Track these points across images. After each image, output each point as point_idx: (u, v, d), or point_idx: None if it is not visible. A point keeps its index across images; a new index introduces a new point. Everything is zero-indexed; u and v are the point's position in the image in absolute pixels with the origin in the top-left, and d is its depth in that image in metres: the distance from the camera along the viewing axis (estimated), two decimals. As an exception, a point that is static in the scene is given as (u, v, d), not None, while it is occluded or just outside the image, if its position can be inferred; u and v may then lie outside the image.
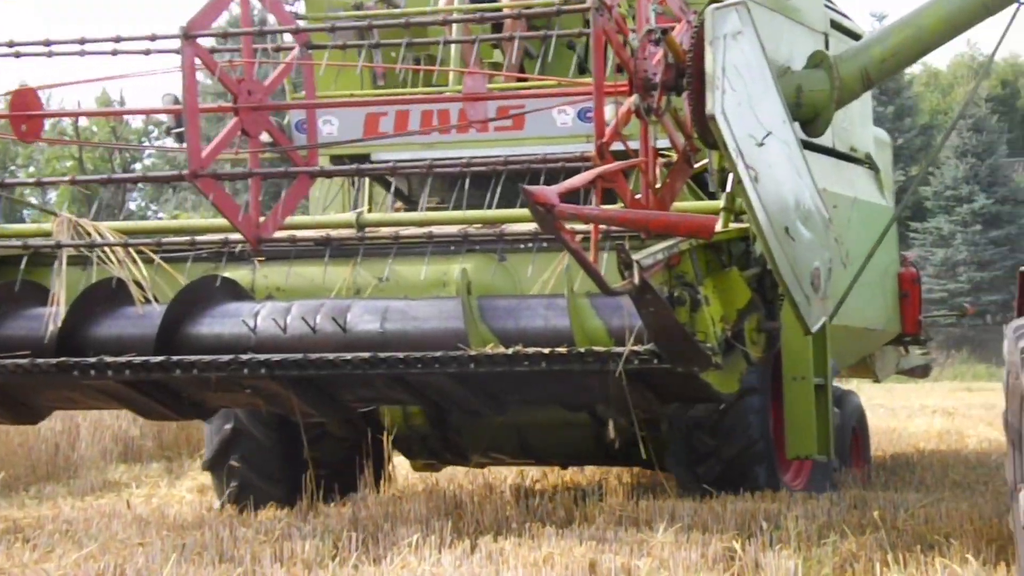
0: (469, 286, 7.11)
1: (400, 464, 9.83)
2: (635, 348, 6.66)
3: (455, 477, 9.91)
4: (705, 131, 6.38)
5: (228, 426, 8.69)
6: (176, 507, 8.69)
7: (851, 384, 20.95)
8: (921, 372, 12.51)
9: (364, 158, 8.62)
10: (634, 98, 6.47)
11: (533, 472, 10.06)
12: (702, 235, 6.54)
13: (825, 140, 9.22)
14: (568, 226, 6.06)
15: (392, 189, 9.09)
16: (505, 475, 10.11)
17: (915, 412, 18.12)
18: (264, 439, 8.67)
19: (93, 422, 12.17)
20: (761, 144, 6.36)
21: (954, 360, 35.55)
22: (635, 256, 6.19)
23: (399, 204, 8.98)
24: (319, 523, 7.26)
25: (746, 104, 6.33)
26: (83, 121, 47.04)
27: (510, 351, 6.79)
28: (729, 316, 7.15)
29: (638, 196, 6.64)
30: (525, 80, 8.22)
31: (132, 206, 48.60)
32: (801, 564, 5.82)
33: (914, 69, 46.15)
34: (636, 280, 6.13)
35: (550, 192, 5.87)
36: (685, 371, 6.73)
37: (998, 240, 39.85)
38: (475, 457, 9.11)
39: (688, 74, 6.44)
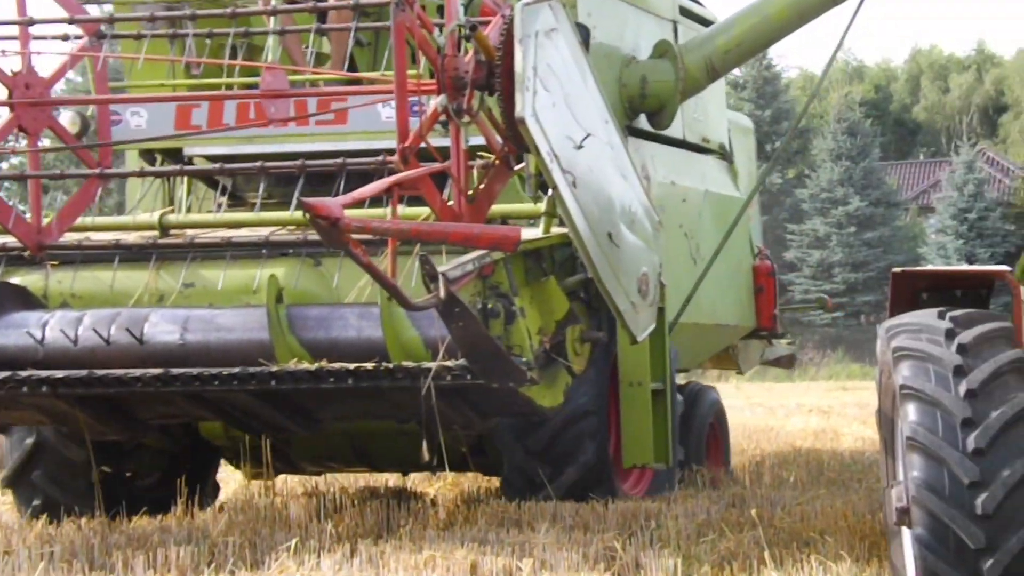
0: (280, 293, 6.74)
1: (232, 474, 9.50)
2: (446, 363, 6.33)
3: (335, 480, 9.80)
4: (517, 134, 5.94)
5: (29, 440, 8.00)
6: (45, 514, 8.42)
7: (729, 382, 21.16)
8: (787, 362, 12.29)
9: (176, 153, 8.14)
10: (441, 98, 6.05)
11: (415, 475, 10.00)
12: (505, 248, 6.14)
13: (675, 132, 8.98)
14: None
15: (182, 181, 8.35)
16: (387, 478, 10.02)
17: (792, 411, 18.42)
18: (70, 454, 7.95)
19: (-40, 427, 11.79)
20: (580, 147, 6.03)
21: (830, 360, 36.30)
22: (441, 268, 5.86)
23: (222, 201, 8.39)
24: (195, 529, 7.11)
25: (562, 105, 5.97)
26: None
27: (314, 367, 6.44)
28: (547, 328, 6.84)
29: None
30: (352, 74, 7.73)
31: None
32: (681, 563, 5.85)
33: (790, 73, 46.97)
34: (442, 293, 5.80)
35: (334, 204, 5.44)
36: (501, 386, 6.44)
37: (872, 242, 40.77)
38: (307, 466, 8.67)
39: (499, 73, 6.01)
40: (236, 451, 8.44)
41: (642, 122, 8.55)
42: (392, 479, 9.95)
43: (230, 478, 9.82)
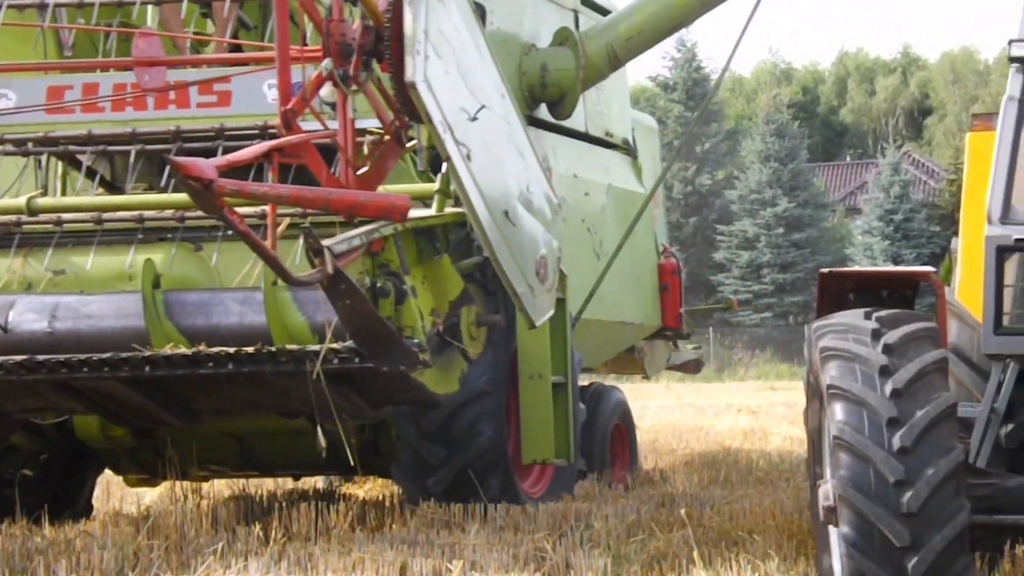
0: (157, 279, 6.47)
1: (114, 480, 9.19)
2: (333, 346, 6.04)
3: (263, 483, 9.71)
4: (408, 102, 5.61)
5: None
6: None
7: (659, 382, 21.23)
8: (693, 367, 12.12)
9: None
10: (326, 63, 5.70)
11: (346, 477, 9.93)
12: (393, 218, 5.82)
13: (578, 124, 8.86)
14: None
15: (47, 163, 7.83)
16: (315, 480, 9.95)
17: (722, 411, 18.55)
18: None
19: None
20: (474, 119, 5.74)
21: (759, 360, 36.60)
22: (327, 241, 5.57)
23: (100, 188, 7.82)
24: (118, 532, 7.00)
25: (455, 73, 5.67)
26: None
27: (191, 351, 6.18)
28: (441, 309, 6.59)
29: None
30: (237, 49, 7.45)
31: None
32: (610, 562, 5.85)
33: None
34: (328, 268, 5.51)
35: (207, 165, 5.05)
36: (392, 370, 6.17)
37: (800, 243, 41.19)
38: (192, 470, 8.29)
39: (387, 38, 5.66)
40: (115, 454, 8.11)
41: (543, 113, 8.38)
42: (320, 481, 9.88)
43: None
